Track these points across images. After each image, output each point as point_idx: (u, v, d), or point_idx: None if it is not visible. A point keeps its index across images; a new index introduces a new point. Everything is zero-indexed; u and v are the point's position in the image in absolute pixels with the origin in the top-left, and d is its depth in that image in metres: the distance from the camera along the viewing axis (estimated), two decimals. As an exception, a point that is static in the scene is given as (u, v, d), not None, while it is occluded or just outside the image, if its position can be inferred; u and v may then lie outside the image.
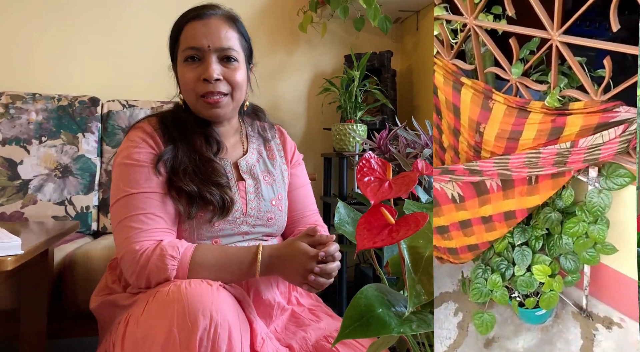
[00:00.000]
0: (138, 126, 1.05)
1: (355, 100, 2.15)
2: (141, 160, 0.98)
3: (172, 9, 2.45)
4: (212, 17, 1.03)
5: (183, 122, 1.06)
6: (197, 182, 0.99)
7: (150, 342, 0.78)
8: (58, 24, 2.20)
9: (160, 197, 0.97)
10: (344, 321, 0.61)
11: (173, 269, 0.89)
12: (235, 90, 1.04)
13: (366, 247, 0.62)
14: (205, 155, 1.03)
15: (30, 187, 1.80)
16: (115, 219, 0.96)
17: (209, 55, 1.01)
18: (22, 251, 0.92)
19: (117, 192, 0.97)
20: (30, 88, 2.07)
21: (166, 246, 0.90)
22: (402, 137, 1.48)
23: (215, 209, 0.99)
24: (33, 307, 1.27)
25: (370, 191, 0.69)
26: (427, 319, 0.64)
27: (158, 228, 0.95)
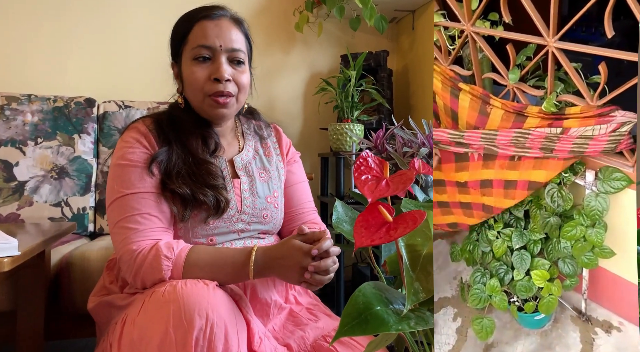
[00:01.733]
0: (132, 127, 1.04)
1: (351, 100, 2.15)
2: (135, 161, 0.98)
3: (168, 9, 2.44)
4: (222, 17, 1.04)
5: (180, 122, 1.06)
6: (190, 184, 0.98)
7: (146, 342, 0.78)
8: (53, 25, 2.19)
9: (155, 196, 0.97)
10: (342, 318, 0.61)
11: (167, 270, 0.89)
12: (241, 92, 1.05)
13: (364, 245, 0.62)
14: (200, 156, 1.03)
15: (26, 189, 1.79)
16: (112, 220, 0.97)
17: (219, 55, 1.01)
18: (18, 252, 0.91)
19: (112, 193, 0.97)
20: (26, 89, 2.06)
21: (162, 247, 0.90)
22: (398, 137, 1.48)
23: (210, 209, 0.99)
24: (30, 308, 1.26)
25: (367, 189, 0.69)
26: (425, 316, 0.64)
27: (154, 228, 0.95)
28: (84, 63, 2.23)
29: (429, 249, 0.75)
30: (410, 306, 0.64)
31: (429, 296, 0.69)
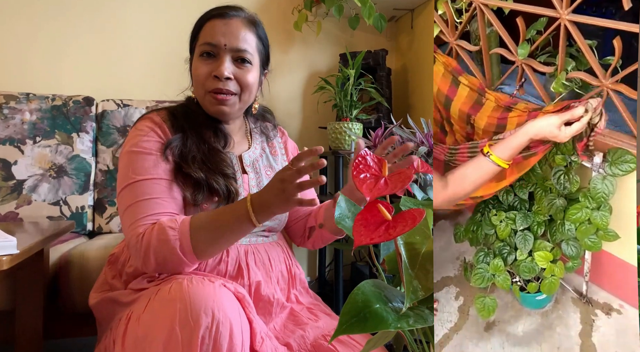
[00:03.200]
0: (146, 117, 1.06)
1: (350, 99, 2.15)
2: (149, 148, 0.99)
3: (167, 8, 2.44)
4: (234, 18, 1.05)
5: (194, 115, 1.08)
6: (205, 170, 1.00)
7: (151, 340, 0.78)
8: (52, 23, 2.19)
9: (168, 183, 0.97)
10: (341, 316, 0.61)
11: (175, 239, 0.88)
12: (244, 92, 1.06)
13: (363, 243, 0.62)
14: (213, 145, 1.05)
15: (24, 188, 1.79)
16: (122, 206, 0.96)
17: (224, 53, 1.03)
18: (17, 251, 0.91)
19: (124, 179, 0.97)
20: (24, 88, 2.05)
21: (164, 221, 0.91)
22: (397, 135, 1.48)
23: (221, 199, 1.00)
24: (29, 307, 1.26)
25: (366, 187, 0.69)
26: (424, 314, 0.64)
27: (164, 212, 0.94)
28: (82, 62, 2.23)
29: (428, 247, 0.75)
30: (409, 304, 0.64)
31: (428, 294, 0.69)
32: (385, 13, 2.29)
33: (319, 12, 2.33)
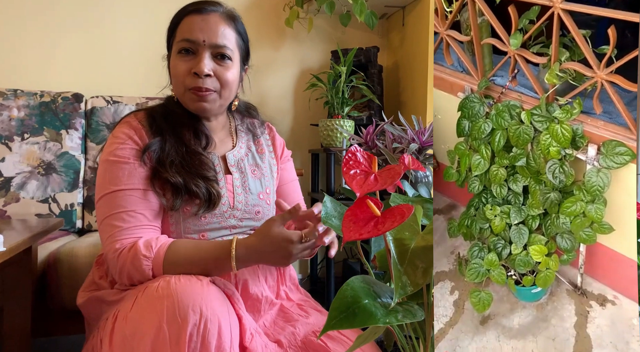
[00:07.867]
0: (124, 121, 1.04)
1: (342, 96, 2.15)
2: (124, 157, 0.98)
3: (156, 4, 2.42)
4: (212, 13, 1.03)
5: (173, 115, 1.06)
6: (183, 174, 0.98)
7: (139, 337, 0.77)
8: (40, 19, 2.16)
9: (142, 193, 0.97)
10: (330, 312, 0.61)
11: (148, 269, 0.90)
12: (224, 88, 1.04)
13: (352, 239, 0.62)
14: (192, 148, 1.03)
15: (12, 185, 1.77)
16: (99, 217, 0.97)
17: (203, 49, 1.01)
18: (4, 248, 0.90)
19: (100, 189, 0.98)
20: (12, 84, 2.03)
21: (140, 246, 0.90)
22: (388, 132, 1.48)
23: (202, 202, 0.99)
24: (17, 305, 1.25)
25: (356, 183, 0.69)
26: (412, 309, 0.64)
27: (139, 225, 0.94)
28: (71, 58, 2.21)
29: (417, 243, 0.75)
30: (398, 299, 0.64)
31: (416, 289, 0.69)
32: (376, 10, 2.29)
33: (310, 8, 2.33)
